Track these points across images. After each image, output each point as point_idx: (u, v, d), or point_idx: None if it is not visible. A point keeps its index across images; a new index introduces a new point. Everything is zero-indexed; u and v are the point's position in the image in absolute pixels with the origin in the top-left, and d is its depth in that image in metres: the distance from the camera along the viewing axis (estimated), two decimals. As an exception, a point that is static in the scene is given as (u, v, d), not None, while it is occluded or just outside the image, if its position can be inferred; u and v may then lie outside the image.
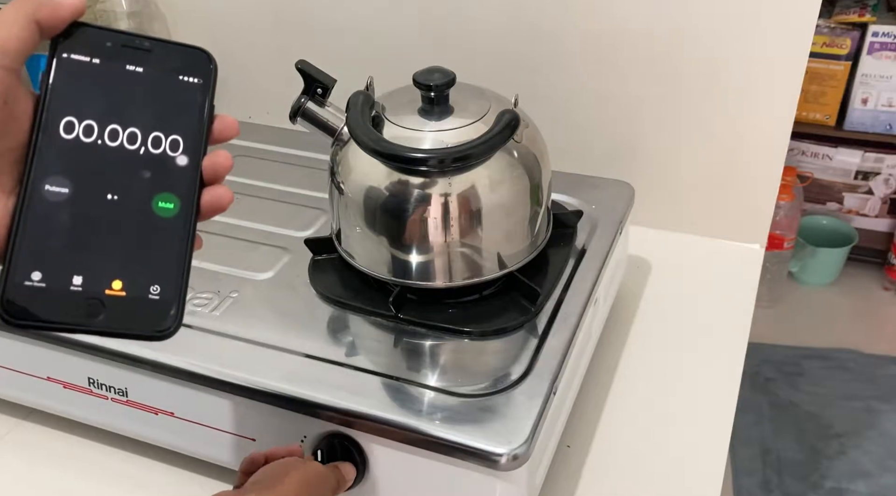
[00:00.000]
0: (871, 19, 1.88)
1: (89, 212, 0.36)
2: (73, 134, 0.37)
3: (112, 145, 0.37)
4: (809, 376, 1.86)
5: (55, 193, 0.36)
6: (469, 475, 0.51)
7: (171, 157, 0.38)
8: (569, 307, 0.62)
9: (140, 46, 0.38)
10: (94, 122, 0.37)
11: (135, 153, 0.38)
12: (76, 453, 0.65)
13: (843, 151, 2.05)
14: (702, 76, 0.81)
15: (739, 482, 1.60)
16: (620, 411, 0.68)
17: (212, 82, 0.40)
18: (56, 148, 0.37)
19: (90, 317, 0.35)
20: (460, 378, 0.56)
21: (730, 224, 0.87)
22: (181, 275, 0.37)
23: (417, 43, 0.90)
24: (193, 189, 0.38)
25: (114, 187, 0.37)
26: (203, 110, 0.39)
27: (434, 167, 0.57)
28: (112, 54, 0.38)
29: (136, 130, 0.38)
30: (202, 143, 0.39)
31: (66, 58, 0.37)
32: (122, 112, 0.38)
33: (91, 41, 0.38)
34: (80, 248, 0.36)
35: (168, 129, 0.38)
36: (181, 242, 0.38)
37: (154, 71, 0.39)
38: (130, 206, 0.37)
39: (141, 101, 0.38)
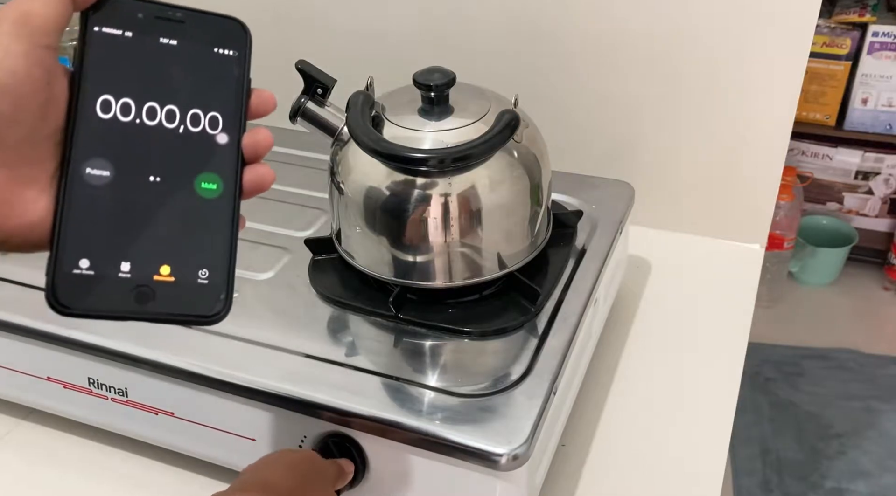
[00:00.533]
0: (872, 19, 1.88)
1: (132, 195, 0.35)
2: (111, 113, 0.36)
3: (150, 124, 0.36)
4: (809, 376, 1.86)
5: (97, 177, 0.35)
6: (469, 475, 0.51)
7: (210, 134, 0.37)
8: (569, 307, 0.62)
9: (173, 17, 0.37)
10: (131, 99, 0.36)
11: (174, 132, 0.36)
12: (76, 453, 0.65)
13: (843, 151, 2.05)
14: (702, 76, 0.81)
15: (739, 482, 1.60)
16: (620, 411, 0.68)
17: (247, 54, 0.38)
18: (94, 129, 0.35)
19: (140, 304, 0.35)
20: (460, 378, 0.56)
21: (730, 224, 0.87)
22: (228, 257, 0.36)
23: (417, 43, 0.90)
24: (235, 168, 0.37)
25: (155, 168, 0.36)
26: (241, 84, 0.38)
27: (434, 167, 0.57)
28: (145, 27, 0.36)
29: (174, 108, 0.36)
30: (241, 119, 0.38)
31: (99, 31, 0.36)
32: (159, 88, 0.36)
33: (122, 13, 0.36)
34: (126, 233, 0.35)
35: (206, 106, 0.37)
36: (226, 224, 0.37)
37: (189, 43, 0.37)
38: (173, 187, 0.36)
39: (177, 76, 0.37)
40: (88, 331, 0.59)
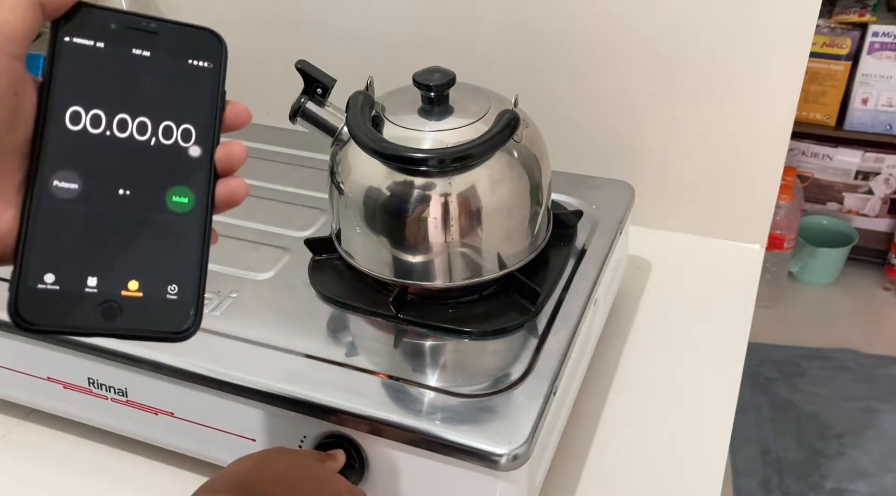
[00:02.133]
0: (872, 19, 1.88)
1: (101, 208, 0.35)
2: (80, 125, 0.35)
3: (121, 136, 0.35)
4: (809, 376, 1.86)
5: (64, 190, 0.34)
6: (469, 475, 0.51)
7: (183, 147, 0.36)
8: (569, 307, 0.61)
9: (146, 28, 0.36)
10: (102, 111, 0.35)
11: (145, 144, 0.36)
12: (76, 453, 0.65)
13: (844, 151, 2.05)
14: (702, 76, 0.81)
15: (739, 482, 1.60)
16: (620, 411, 0.68)
17: (222, 66, 0.38)
18: (62, 141, 0.35)
19: (107, 319, 0.34)
20: (460, 378, 0.56)
21: (730, 224, 0.87)
22: (198, 272, 0.36)
23: (417, 43, 0.90)
24: (207, 181, 0.37)
25: (125, 182, 0.35)
26: (215, 96, 0.37)
27: (434, 167, 0.57)
28: (117, 37, 0.36)
29: (145, 120, 0.36)
30: (215, 132, 0.37)
31: (69, 42, 0.35)
32: (131, 100, 0.36)
33: (94, 23, 0.36)
34: (94, 248, 0.34)
35: (179, 118, 0.36)
36: (197, 239, 0.36)
37: (162, 55, 0.37)
38: (143, 201, 0.35)
39: (149, 87, 0.36)
40: (88, 331, 0.59)
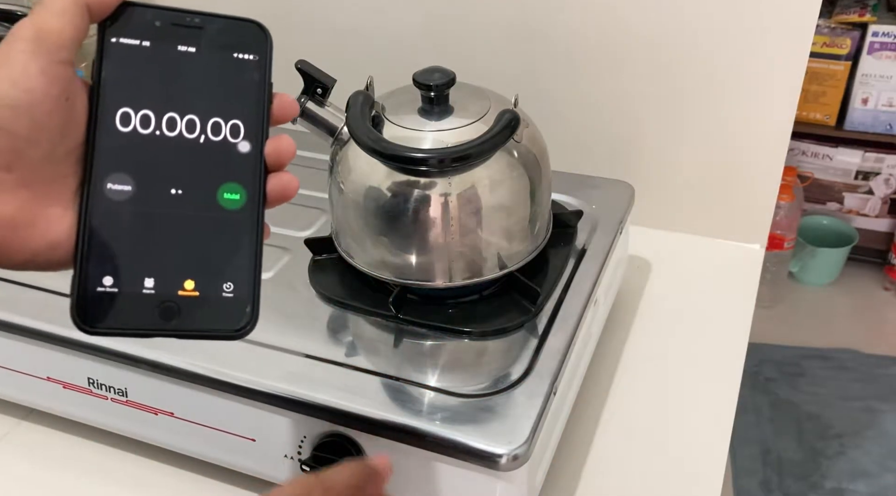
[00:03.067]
0: (872, 19, 1.88)
1: (154, 209, 0.35)
2: (130, 126, 0.35)
3: (171, 135, 0.35)
4: (810, 376, 1.86)
5: (118, 192, 0.34)
6: (469, 475, 0.51)
7: (232, 143, 0.36)
8: (569, 307, 0.61)
9: (191, 23, 0.36)
10: (151, 111, 0.35)
11: (195, 142, 0.36)
12: (76, 453, 0.65)
13: (844, 151, 2.05)
14: (702, 76, 0.81)
15: (740, 482, 1.60)
16: (620, 411, 0.68)
17: (268, 57, 0.37)
18: (114, 143, 0.35)
19: (165, 320, 0.34)
20: (460, 378, 0.56)
21: (730, 224, 0.87)
22: (253, 269, 0.35)
23: (417, 43, 0.90)
24: (258, 177, 0.36)
25: (177, 181, 0.35)
26: (262, 89, 0.37)
27: (434, 167, 0.57)
28: (162, 35, 0.36)
29: (194, 117, 0.36)
30: (263, 126, 0.37)
31: (116, 43, 0.35)
32: (179, 98, 0.36)
33: (139, 22, 0.36)
34: (149, 249, 0.34)
35: (227, 114, 0.36)
36: (250, 235, 0.36)
37: (207, 50, 0.36)
38: (195, 199, 0.35)
39: (196, 84, 0.36)
40: (88, 331, 0.59)
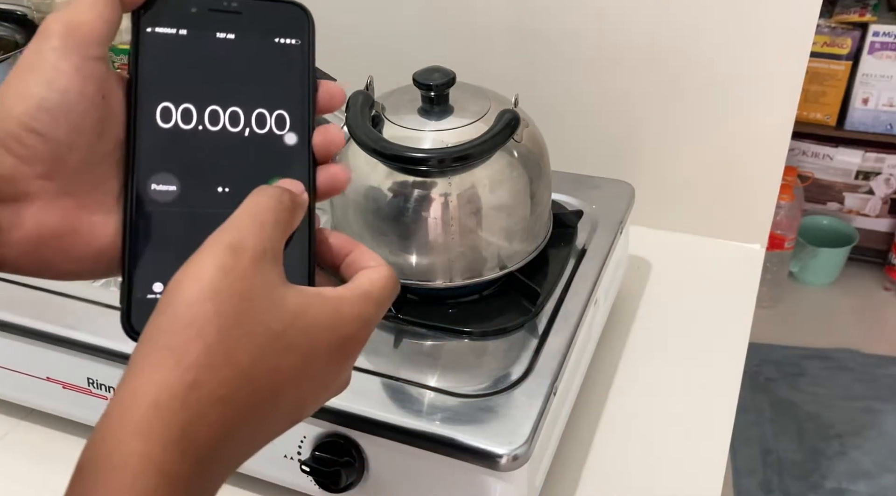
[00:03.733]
0: (872, 19, 1.88)
1: (202, 209, 0.33)
2: (172, 122, 0.33)
3: (214, 130, 0.33)
4: (810, 376, 1.86)
5: (163, 193, 0.33)
6: (469, 475, 0.51)
7: (278, 135, 0.34)
8: (569, 307, 0.61)
9: (228, 8, 0.34)
10: (192, 104, 0.33)
11: (239, 136, 0.34)
12: (76, 453, 0.65)
13: (844, 151, 2.05)
14: (702, 76, 0.81)
15: (740, 482, 1.60)
16: (620, 411, 0.68)
17: (311, 41, 0.36)
18: (156, 141, 0.33)
19: None
20: (460, 378, 0.56)
21: (730, 224, 0.87)
22: (307, 264, 0.34)
23: (417, 43, 0.89)
24: (307, 170, 0.35)
25: (223, 178, 0.33)
26: (305, 76, 0.35)
27: (434, 167, 0.57)
28: (199, 22, 0.34)
29: (237, 109, 0.34)
30: (309, 115, 0.35)
31: (151, 32, 0.33)
32: (220, 89, 0.34)
33: (174, 9, 0.34)
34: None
35: (271, 104, 0.34)
36: (302, 231, 0.34)
37: (247, 36, 0.34)
38: (243, 197, 0.32)
39: (237, 73, 0.34)
40: (88, 331, 0.59)
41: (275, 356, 0.30)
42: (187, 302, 0.29)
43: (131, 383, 0.28)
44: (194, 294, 0.29)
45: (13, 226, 0.31)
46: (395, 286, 0.35)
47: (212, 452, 0.29)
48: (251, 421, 0.30)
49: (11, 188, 0.31)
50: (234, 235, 0.30)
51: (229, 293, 0.29)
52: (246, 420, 0.30)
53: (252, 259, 0.30)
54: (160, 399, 0.28)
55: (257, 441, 0.32)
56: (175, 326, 0.29)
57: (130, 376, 0.29)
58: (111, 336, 0.58)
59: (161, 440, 0.27)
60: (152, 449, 0.27)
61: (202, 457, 0.28)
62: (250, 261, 0.30)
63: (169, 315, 0.29)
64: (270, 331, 0.30)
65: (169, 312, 0.29)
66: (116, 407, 0.28)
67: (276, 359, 0.30)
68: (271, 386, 0.30)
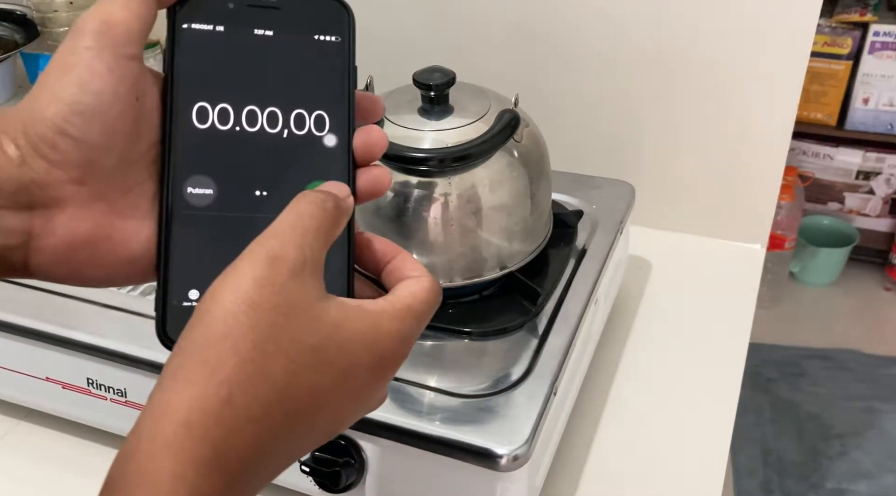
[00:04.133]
0: (873, 19, 1.88)
1: (239, 213, 0.32)
2: (208, 122, 0.32)
3: (251, 131, 0.32)
4: (810, 377, 1.86)
5: (199, 196, 0.32)
6: (469, 476, 0.51)
7: (317, 137, 0.33)
8: (569, 307, 0.61)
9: (267, 3, 0.33)
10: (229, 104, 0.32)
11: (277, 137, 0.33)
12: (75, 454, 0.65)
13: (845, 151, 2.05)
14: (702, 76, 0.81)
15: (740, 483, 1.60)
16: (621, 411, 0.68)
17: (351, 38, 0.34)
18: (192, 142, 0.32)
19: None
20: (460, 378, 0.56)
21: (731, 224, 0.87)
22: (346, 270, 0.33)
23: (417, 43, 0.89)
24: (347, 173, 0.33)
25: (261, 181, 0.32)
26: (346, 75, 0.34)
27: (434, 167, 0.57)
28: (237, 17, 0.33)
29: (275, 110, 0.33)
30: (350, 116, 0.34)
31: (188, 29, 0.32)
32: (258, 89, 0.33)
33: (212, 4, 0.33)
34: (235, 257, 0.30)
35: (310, 104, 0.33)
36: (342, 237, 0.33)
37: (286, 32, 0.33)
38: (282, 201, 0.31)
39: (276, 72, 0.33)
40: (88, 331, 0.59)
41: (311, 372, 0.29)
42: (223, 314, 0.28)
43: (164, 396, 0.28)
44: (230, 306, 0.28)
45: (45, 232, 0.31)
46: (437, 299, 0.34)
47: (244, 471, 0.28)
48: (285, 439, 0.29)
49: (43, 193, 0.30)
50: (274, 245, 0.29)
51: (267, 306, 0.28)
52: (280, 438, 0.29)
53: (291, 271, 0.29)
54: (193, 415, 0.27)
55: (290, 457, 0.31)
56: (210, 339, 0.28)
57: (163, 388, 0.28)
58: (111, 336, 0.58)
59: (193, 459, 0.27)
60: (185, 469, 0.26)
61: (234, 476, 0.28)
62: (289, 272, 0.29)
63: (204, 326, 0.28)
64: (308, 347, 0.29)
65: (204, 324, 0.28)
66: (148, 420, 0.28)
67: (312, 375, 0.29)
68: (307, 403, 0.29)
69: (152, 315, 0.33)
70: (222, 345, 0.28)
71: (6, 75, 0.95)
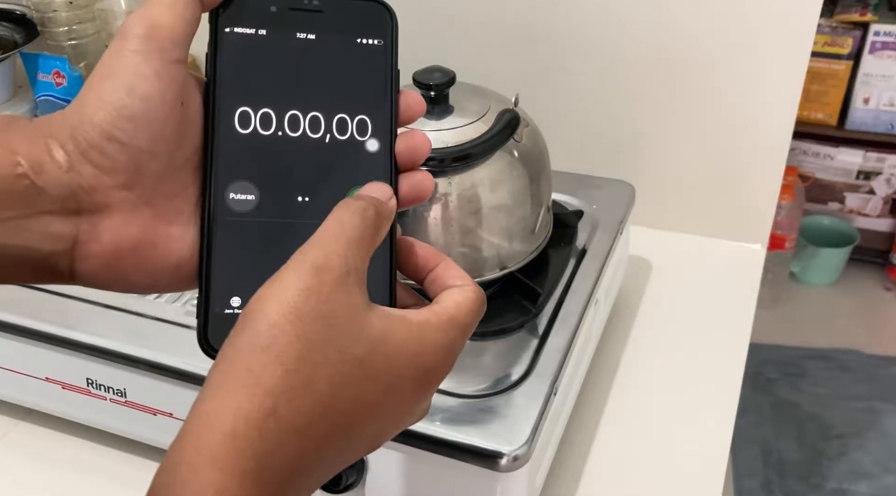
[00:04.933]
0: (873, 18, 1.88)
1: (281, 219, 0.32)
2: (251, 127, 0.32)
3: (294, 136, 0.32)
4: (811, 377, 1.86)
5: (241, 202, 0.32)
6: (469, 476, 0.51)
7: (359, 141, 0.33)
8: (569, 307, 0.61)
9: (310, 6, 0.33)
10: (272, 109, 0.32)
11: (320, 142, 0.32)
12: (75, 454, 0.65)
13: (845, 151, 2.05)
14: (703, 76, 0.81)
15: (741, 483, 1.60)
16: (621, 411, 0.68)
17: (394, 42, 0.34)
18: (234, 148, 0.32)
19: None
20: (460, 378, 0.56)
21: (731, 224, 0.87)
22: (389, 276, 0.33)
23: (417, 43, 0.89)
24: (389, 178, 0.33)
25: (303, 187, 0.32)
26: (388, 79, 0.34)
27: (434, 167, 0.57)
28: (280, 21, 0.33)
29: (318, 114, 0.32)
30: (392, 120, 0.34)
31: (231, 33, 0.32)
32: (300, 93, 0.32)
33: (254, 7, 0.32)
34: (278, 263, 0.30)
35: (353, 108, 0.33)
36: (385, 243, 0.32)
37: (328, 36, 0.33)
38: (323, 207, 0.31)
39: (318, 76, 0.33)
40: (87, 331, 0.59)
41: (356, 384, 0.29)
42: (268, 323, 0.28)
43: (207, 405, 0.28)
44: (275, 316, 0.28)
45: (91, 238, 0.31)
46: (481, 309, 0.34)
47: (286, 483, 0.28)
48: (328, 451, 0.29)
49: (90, 199, 0.30)
50: (318, 255, 0.29)
51: (312, 317, 0.28)
52: (323, 450, 0.29)
53: (336, 281, 0.29)
54: (237, 427, 0.27)
55: (332, 470, 0.31)
56: (255, 348, 0.28)
57: (207, 397, 0.28)
58: (111, 336, 0.58)
59: (237, 472, 0.26)
60: (229, 482, 0.26)
61: (277, 489, 0.28)
62: (333, 283, 0.29)
63: (248, 335, 0.28)
64: (353, 358, 0.29)
65: (248, 333, 0.28)
66: (192, 430, 0.28)
67: (357, 387, 0.29)
68: (351, 416, 0.29)
69: (153, 315, 0.33)
70: (267, 355, 0.27)
71: (5, 75, 0.95)
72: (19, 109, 0.94)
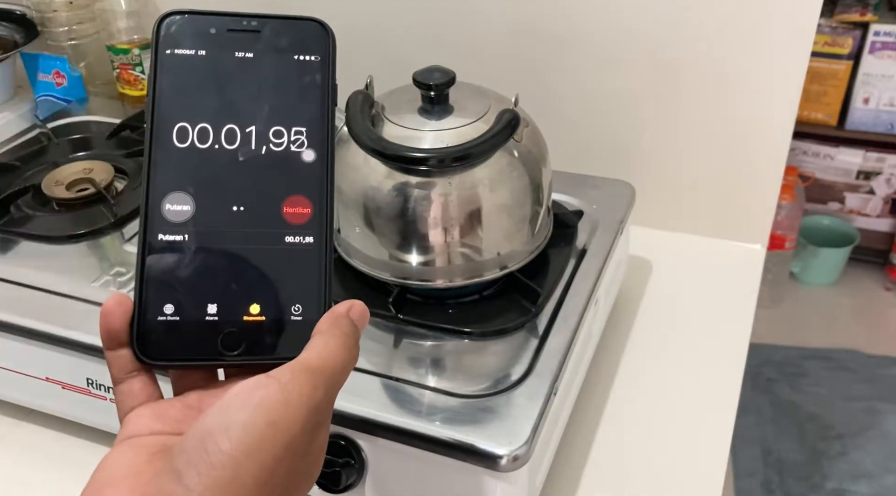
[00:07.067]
0: (873, 18, 1.88)
1: (216, 229, 0.32)
2: (188, 142, 0.33)
3: (230, 148, 0.33)
4: (811, 377, 1.86)
5: (177, 213, 0.32)
6: (469, 476, 0.51)
7: (295, 153, 0.34)
8: (569, 307, 0.61)
9: (248, 27, 0.34)
10: (209, 124, 0.33)
11: (256, 154, 0.33)
12: (75, 454, 0.65)
13: (845, 151, 2.05)
14: (703, 76, 0.81)
15: (740, 483, 1.60)
16: (621, 411, 0.68)
17: (331, 57, 0.36)
18: (171, 161, 0.33)
19: (230, 348, 0.32)
20: (460, 378, 0.56)
21: (731, 224, 0.87)
22: (323, 288, 0.34)
23: (417, 42, 0.89)
24: (325, 188, 0.34)
25: (238, 197, 0.33)
26: (325, 92, 0.35)
27: (434, 167, 0.57)
28: (218, 42, 0.34)
29: (254, 127, 0.34)
30: (329, 132, 0.35)
31: (171, 54, 0.34)
32: (238, 108, 0.34)
33: (193, 30, 0.34)
34: (212, 272, 0.31)
35: (289, 121, 0.34)
36: (319, 251, 0.33)
37: (266, 54, 0.34)
38: (259, 216, 0.32)
39: (256, 91, 0.34)
40: (88, 331, 0.59)
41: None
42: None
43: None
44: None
45: None
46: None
47: None
48: None
49: None
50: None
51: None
52: None
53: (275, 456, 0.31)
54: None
55: None
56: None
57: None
58: (111, 336, 0.58)
59: None
60: None
61: None
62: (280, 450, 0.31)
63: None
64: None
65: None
66: None
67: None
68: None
69: None
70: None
71: (5, 75, 0.96)
72: (19, 109, 0.94)
